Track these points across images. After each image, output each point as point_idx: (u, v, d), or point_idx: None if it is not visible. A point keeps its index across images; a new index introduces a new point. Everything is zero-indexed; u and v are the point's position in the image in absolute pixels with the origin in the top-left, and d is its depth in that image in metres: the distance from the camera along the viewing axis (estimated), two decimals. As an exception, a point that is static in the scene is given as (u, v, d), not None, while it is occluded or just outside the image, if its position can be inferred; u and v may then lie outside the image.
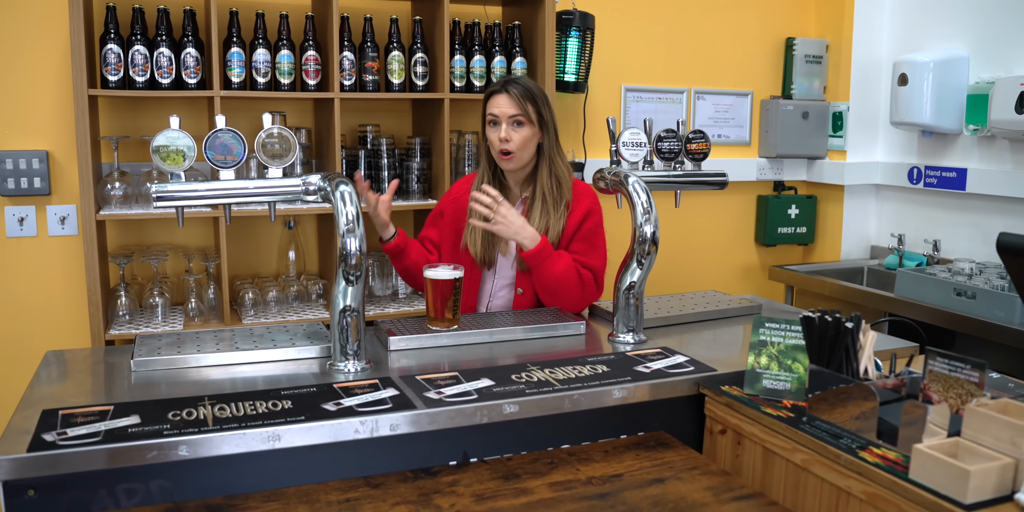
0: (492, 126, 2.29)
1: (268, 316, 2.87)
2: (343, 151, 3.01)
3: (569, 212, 2.29)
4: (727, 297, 2.46)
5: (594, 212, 2.32)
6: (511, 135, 2.24)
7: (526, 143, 2.25)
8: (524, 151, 2.26)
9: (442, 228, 2.42)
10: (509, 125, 2.24)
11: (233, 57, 2.72)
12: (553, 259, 2.20)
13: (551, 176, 2.30)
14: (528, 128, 2.25)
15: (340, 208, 1.74)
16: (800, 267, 3.75)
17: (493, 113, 2.27)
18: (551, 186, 2.29)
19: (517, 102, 2.24)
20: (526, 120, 2.24)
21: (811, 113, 3.86)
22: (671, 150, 2.27)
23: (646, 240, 1.98)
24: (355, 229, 1.72)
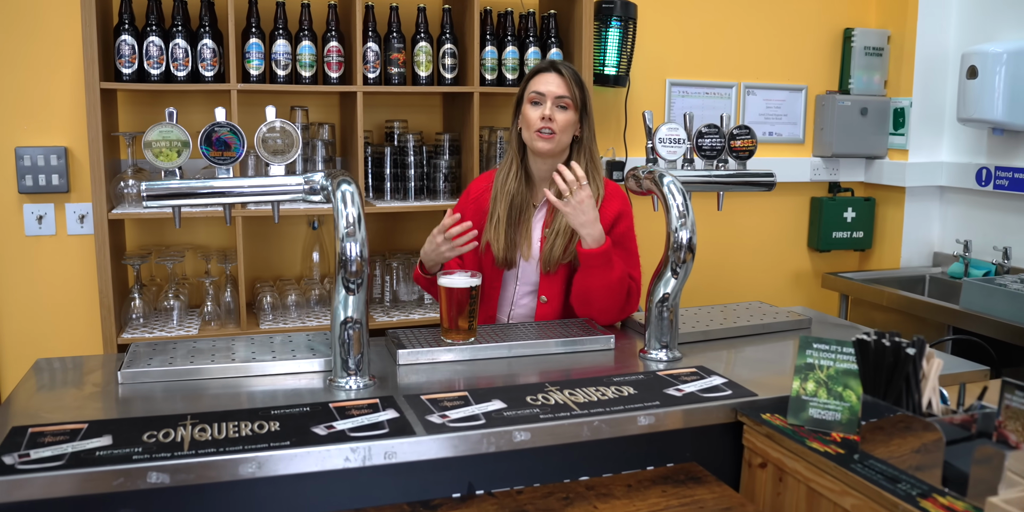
0: (534, 105, 2.11)
1: (287, 321, 2.74)
2: (368, 148, 2.87)
3: (600, 212, 2.12)
4: (773, 309, 2.25)
5: (625, 215, 2.14)
6: (554, 114, 2.08)
7: (567, 127, 2.10)
8: (563, 135, 2.11)
9: None
10: (554, 105, 2.09)
11: (252, 49, 2.60)
12: (613, 264, 2.02)
13: (586, 168, 2.14)
14: (572, 113, 2.09)
15: (340, 209, 1.58)
16: (856, 275, 3.51)
17: (539, 90, 2.10)
18: (584, 179, 2.12)
19: (567, 84, 2.09)
20: (572, 105, 2.09)
21: (870, 109, 3.61)
22: (713, 147, 2.07)
23: (681, 247, 1.79)
24: (356, 232, 1.57)
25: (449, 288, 1.85)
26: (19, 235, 2.80)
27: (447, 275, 1.87)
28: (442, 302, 1.87)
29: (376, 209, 2.73)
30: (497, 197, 2.18)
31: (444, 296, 1.86)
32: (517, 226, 2.16)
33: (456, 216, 2.00)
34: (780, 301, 3.71)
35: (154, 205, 1.64)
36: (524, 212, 2.18)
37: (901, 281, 3.50)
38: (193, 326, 2.66)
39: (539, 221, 2.18)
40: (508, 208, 2.15)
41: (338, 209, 1.58)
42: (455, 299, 1.84)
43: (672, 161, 2.04)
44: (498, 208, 2.17)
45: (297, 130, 1.75)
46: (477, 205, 2.24)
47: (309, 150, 2.75)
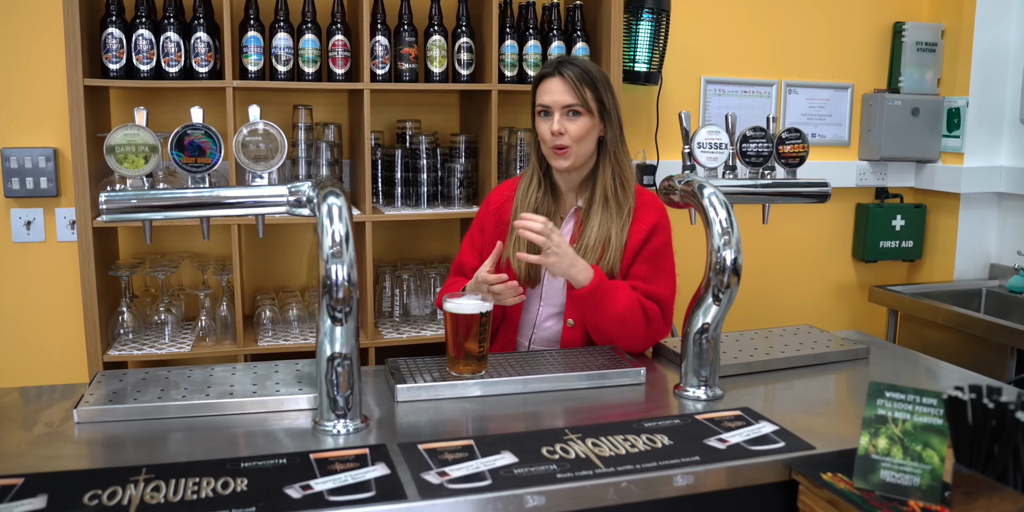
0: (543, 117, 1.90)
1: (288, 337, 2.53)
2: (378, 150, 2.66)
3: (631, 224, 1.89)
4: (825, 336, 2.00)
5: (661, 228, 1.91)
6: (565, 126, 1.85)
7: (584, 136, 1.87)
8: (582, 145, 1.88)
9: (485, 248, 2.02)
10: (563, 116, 1.86)
11: (250, 42, 2.38)
12: (612, 295, 1.80)
13: (615, 175, 1.91)
14: (586, 118, 1.86)
15: (325, 226, 1.36)
16: (905, 288, 3.23)
17: (543, 102, 1.89)
18: (614, 187, 1.91)
19: (572, 87, 1.85)
20: (584, 109, 1.85)
21: (922, 109, 3.33)
22: (759, 153, 1.83)
23: (725, 269, 1.54)
24: (343, 253, 1.34)
25: (455, 314, 1.62)
26: (6, 242, 2.61)
27: (454, 298, 1.64)
28: (448, 329, 1.64)
29: (385, 217, 2.51)
30: (518, 210, 1.96)
31: (450, 322, 1.63)
32: None
33: (502, 276, 1.77)
34: (822, 316, 3.44)
35: (113, 219, 1.43)
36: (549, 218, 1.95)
37: (955, 295, 3.22)
38: (186, 342, 2.46)
39: (566, 234, 1.95)
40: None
41: (323, 225, 1.36)
42: (462, 326, 1.61)
43: (712, 169, 1.80)
44: (519, 214, 1.94)
45: (281, 133, 1.52)
46: (498, 216, 2.01)
47: (313, 152, 2.53)
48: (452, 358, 1.64)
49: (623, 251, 1.88)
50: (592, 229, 1.88)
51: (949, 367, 1.85)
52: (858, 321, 3.51)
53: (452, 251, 2.94)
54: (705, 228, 1.59)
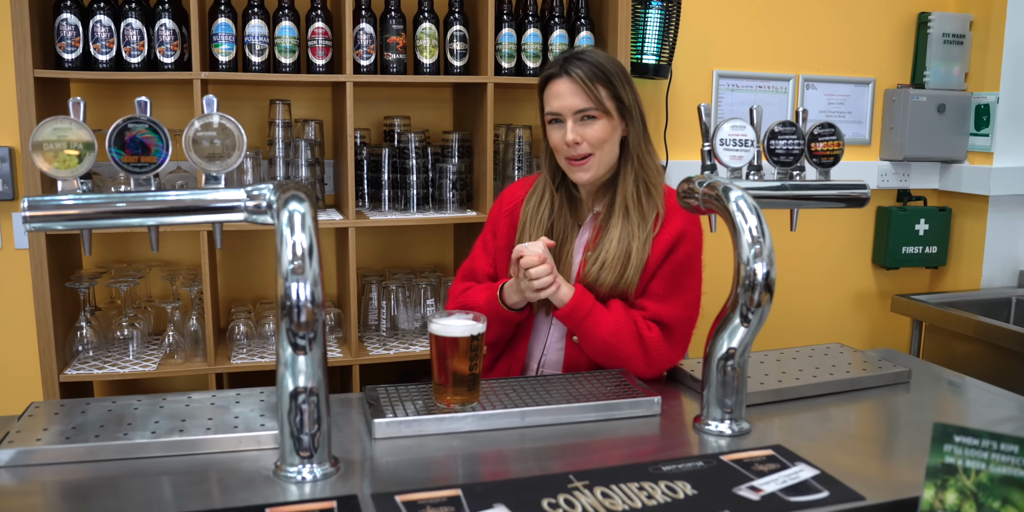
0: (554, 125, 1.69)
1: (265, 353, 2.31)
2: (364, 149, 2.44)
3: (657, 233, 1.68)
4: (860, 357, 1.78)
5: (688, 237, 1.69)
6: (582, 133, 1.64)
7: (605, 140, 1.66)
8: (605, 152, 1.67)
9: (499, 254, 1.80)
10: (577, 122, 1.64)
11: (220, 30, 2.16)
12: (594, 319, 1.61)
13: (638, 181, 1.69)
14: (604, 121, 1.65)
15: (285, 236, 1.14)
16: (930, 298, 3.01)
17: (552, 109, 1.67)
18: (637, 195, 1.69)
19: (584, 88, 1.63)
20: (600, 112, 1.64)
21: (949, 106, 3.12)
22: (789, 151, 1.61)
23: (755, 285, 1.33)
24: (305, 269, 1.13)
25: (442, 337, 1.40)
26: (-42, 249, 2.40)
27: (442, 319, 1.43)
28: (434, 353, 1.42)
29: (370, 222, 2.29)
30: (527, 225, 1.75)
31: (436, 346, 1.42)
32: (554, 254, 1.73)
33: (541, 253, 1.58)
34: (840, 327, 3.23)
35: (39, 228, 1.21)
36: (564, 236, 1.75)
37: (983, 305, 3.01)
38: (152, 360, 2.24)
39: (581, 245, 1.75)
40: (542, 233, 1.74)
41: (282, 236, 1.14)
42: (450, 351, 1.40)
43: (736, 169, 1.58)
44: (527, 236, 1.75)
45: (239, 127, 1.31)
46: (512, 219, 1.79)
47: (291, 152, 2.31)
48: (439, 386, 1.43)
49: (643, 267, 1.66)
50: (610, 243, 1.66)
51: (1005, 395, 1.63)
52: (879, 333, 3.29)
53: (445, 259, 2.73)
54: (732, 237, 1.37)
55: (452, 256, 2.71)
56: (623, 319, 1.62)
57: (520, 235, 1.75)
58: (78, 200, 1.23)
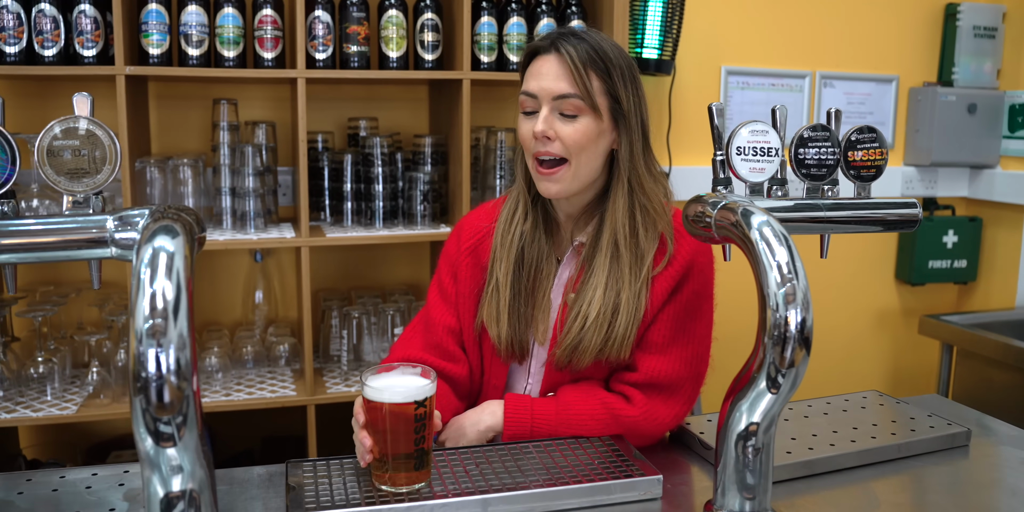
0: (527, 114, 1.34)
1: (208, 391, 2.01)
2: (324, 155, 2.14)
3: (657, 271, 1.33)
4: (901, 409, 1.48)
5: (697, 270, 1.35)
6: (557, 129, 1.29)
7: (585, 145, 1.30)
8: (582, 160, 1.30)
9: (461, 302, 1.43)
10: (553, 112, 1.29)
11: (150, 18, 1.86)
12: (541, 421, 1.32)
13: (633, 211, 1.33)
14: (588, 120, 1.29)
15: (143, 282, 0.82)
16: (961, 318, 2.71)
17: (528, 88, 1.32)
18: (631, 228, 1.33)
19: (572, 71, 1.27)
20: (586, 105, 1.28)
21: (980, 105, 2.81)
22: (822, 162, 1.30)
23: (787, 339, 1.02)
24: (168, 329, 0.81)
25: (373, 404, 1.10)
26: None
27: (376, 377, 1.12)
28: (368, 423, 1.12)
29: (326, 241, 1.99)
30: (498, 252, 1.40)
31: (369, 415, 1.11)
32: (529, 295, 1.38)
33: (360, 419, 1.15)
34: (861, 351, 2.92)
35: None
36: (540, 271, 1.39)
37: (1019, 326, 2.71)
38: (73, 401, 1.94)
39: (562, 284, 1.39)
40: (514, 268, 1.37)
41: (139, 283, 0.83)
42: (390, 422, 1.09)
43: (757, 184, 1.27)
44: (498, 269, 1.39)
45: (111, 134, 1.00)
46: (475, 258, 1.43)
47: (238, 159, 2.01)
48: (378, 464, 1.12)
49: (640, 320, 1.32)
50: (593, 291, 1.31)
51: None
52: (904, 357, 2.98)
53: (419, 277, 2.42)
54: (755, 275, 1.06)
55: (428, 275, 2.41)
56: (580, 413, 1.31)
57: (492, 254, 1.40)
58: None
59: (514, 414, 1.32)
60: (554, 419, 1.31)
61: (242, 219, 2.01)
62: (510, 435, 1.32)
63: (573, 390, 1.34)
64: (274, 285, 2.33)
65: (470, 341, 1.43)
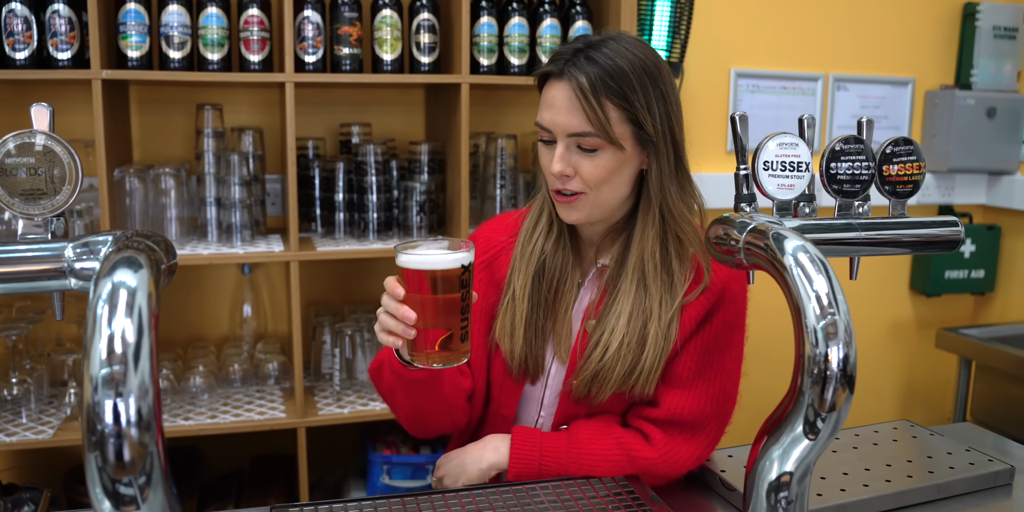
0: (545, 145, 1.21)
1: (194, 412, 1.91)
2: (315, 164, 2.03)
3: (689, 299, 1.22)
4: (936, 443, 1.37)
5: (729, 298, 1.23)
6: (575, 165, 1.17)
7: (606, 178, 1.17)
8: (603, 192, 1.18)
9: (472, 318, 1.31)
10: (570, 148, 1.17)
11: (128, 18, 1.75)
12: (555, 467, 1.20)
13: (666, 237, 1.21)
14: (610, 154, 1.16)
15: (99, 321, 0.71)
16: (980, 331, 2.60)
17: (541, 120, 1.18)
18: (662, 256, 1.21)
19: (582, 104, 1.13)
20: (605, 140, 1.14)
21: (1000, 109, 2.71)
22: (856, 177, 1.19)
23: (828, 378, 0.91)
24: (127, 376, 0.70)
25: (420, 273, 1.03)
26: None
27: (409, 249, 1.04)
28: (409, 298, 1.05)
29: (317, 255, 1.88)
30: (517, 261, 1.28)
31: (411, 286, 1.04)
32: (548, 310, 1.27)
33: (399, 292, 1.05)
34: (875, 364, 2.81)
35: None
36: (561, 285, 1.27)
37: (1039, 339, 2.61)
38: (50, 423, 1.83)
39: (582, 308, 1.28)
40: (533, 280, 1.26)
41: (95, 321, 0.71)
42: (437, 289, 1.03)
43: (786, 201, 1.16)
44: (516, 280, 1.27)
45: (70, 150, 0.89)
46: (489, 274, 1.31)
47: (223, 168, 1.89)
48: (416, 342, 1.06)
49: (668, 353, 1.21)
50: (617, 319, 1.19)
51: None
52: (919, 371, 2.88)
53: (416, 290, 2.31)
54: (792, 308, 0.95)
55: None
56: (600, 450, 1.20)
57: (512, 270, 1.28)
58: None
59: (521, 450, 1.21)
60: (564, 458, 1.20)
61: (228, 231, 1.90)
62: (516, 473, 1.21)
63: (587, 425, 1.23)
64: (263, 298, 2.22)
65: (477, 362, 1.32)
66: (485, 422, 1.36)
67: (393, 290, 1.04)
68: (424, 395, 1.20)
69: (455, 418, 1.29)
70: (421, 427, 1.30)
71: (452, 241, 1.06)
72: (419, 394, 1.20)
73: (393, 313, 1.04)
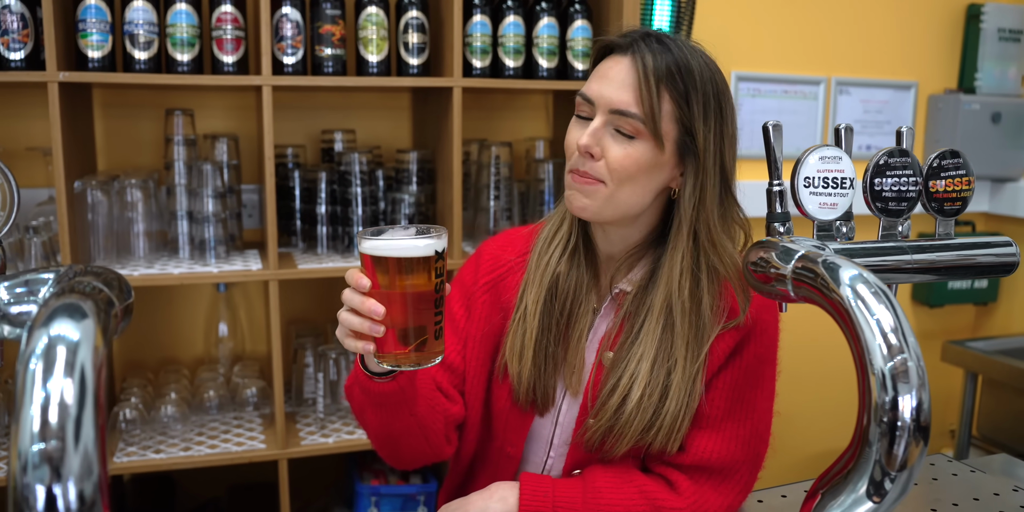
0: (578, 118, 1.09)
1: (166, 444, 1.75)
2: (295, 173, 1.89)
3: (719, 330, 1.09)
4: (984, 483, 1.26)
5: (760, 329, 1.11)
6: (604, 145, 1.04)
7: (632, 175, 1.04)
8: (624, 190, 1.05)
9: (471, 340, 1.19)
10: (606, 124, 1.05)
11: (88, 14, 1.60)
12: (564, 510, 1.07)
13: (694, 271, 1.08)
14: (646, 146, 1.04)
15: (29, 384, 0.57)
16: (986, 344, 2.51)
17: (588, 91, 1.06)
18: (688, 293, 1.07)
19: (640, 83, 1.02)
20: (647, 130, 1.03)
21: (1005, 114, 2.62)
22: (902, 194, 1.08)
23: (899, 430, 0.79)
24: (65, 453, 0.56)
25: (387, 260, 0.90)
26: None
27: (375, 237, 0.91)
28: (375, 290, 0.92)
29: (298, 273, 1.73)
30: (531, 275, 1.15)
31: (377, 276, 0.91)
32: (560, 334, 1.14)
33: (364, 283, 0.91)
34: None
35: None
36: (576, 307, 1.14)
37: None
38: (5, 458, 1.67)
39: (597, 337, 1.15)
40: (546, 297, 1.13)
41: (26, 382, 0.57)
42: (406, 281, 0.90)
43: (828, 222, 1.04)
44: (528, 296, 1.14)
45: (7, 172, 0.75)
46: (494, 295, 1.19)
47: (195, 179, 1.75)
48: (384, 352, 0.93)
49: (694, 409, 1.08)
50: (639, 363, 1.06)
51: None
52: (922, 382, 2.78)
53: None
54: (853, 347, 0.83)
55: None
56: (620, 500, 1.07)
57: (520, 299, 1.15)
58: None
59: (532, 500, 1.08)
60: (580, 509, 1.07)
61: (201, 247, 1.75)
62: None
63: (604, 472, 1.10)
64: (240, 316, 2.07)
65: (473, 391, 1.19)
66: (486, 459, 1.23)
67: (357, 281, 0.90)
68: (394, 413, 1.06)
69: (434, 445, 1.14)
70: (395, 453, 1.15)
71: (420, 227, 0.93)
72: (388, 411, 1.06)
73: (358, 308, 0.90)
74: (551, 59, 1.86)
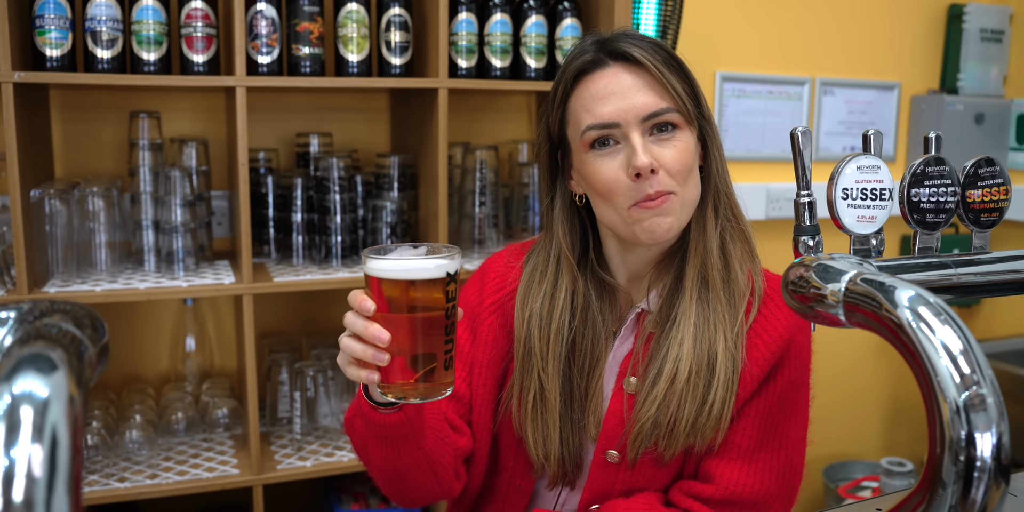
0: (599, 150, 1.00)
1: (131, 471, 1.63)
2: (270, 179, 1.78)
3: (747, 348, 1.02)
4: (1017, 503, 1.20)
5: (795, 352, 1.04)
6: (657, 155, 0.97)
7: (690, 168, 1.00)
8: (689, 188, 1.00)
9: (477, 370, 1.10)
10: (646, 135, 0.98)
11: (46, 10, 1.47)
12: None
13: (721, 234, 1.04)
14: (686, 136, 1.00)
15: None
16: (973, 346, 2.48)
17: (602, 119, 0.98)
18: (719, 255, 1.03)
19: (658, 79, 0.98)
20: (683, 117, 0.99)
21: (987, 115, 2.60)
22: (940, 205, 1.01)
23: (980, 471, 0.71)
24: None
25: (397, 283, 0.82)
26: None
27: (382, 256, 0.83)
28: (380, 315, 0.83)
29: (273, 287, 1.62)
30: (537, 344, 1.05)
31: (383, 300, 0.83)
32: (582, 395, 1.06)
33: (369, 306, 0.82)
34: (860, 379, 2.67)
35: None
36: (595, 358, 1.06)
37: None
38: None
39: (618, 362, 1.07)
40: (563, 368, 1.04)
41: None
42: (416, 305, 0.83)
43: (866, 237, 0.97)
44: (542, 371, 1.04)
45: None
46: (501, 318, 1.10)
47: (162, 186, 1.63)
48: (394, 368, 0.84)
49: (737, 383, 1.00)
50: (680, 346, 0.99)
51: None
52: (904, 386, 2.75)
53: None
54: (922, 379, 0.75)
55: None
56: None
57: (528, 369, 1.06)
58: None
59: None
60: None
61: (168, 259, 1.64)
62: None
63: (625, 508, 1.01)
64: (208, 330, 1.95)
65: (481, 423, 1.10)
66: (493, 493, 1.14)
67: (361, 304, 0.82)
68: (400, 447, 0.97)
69: (443, 481, 1.05)
70: (401, 490, 1.06)
71: (431, 246, 0.85)
72: (394, 445, 0.97)
73: (361, 334, 0.82)
74: (539, 59, 1.78)
